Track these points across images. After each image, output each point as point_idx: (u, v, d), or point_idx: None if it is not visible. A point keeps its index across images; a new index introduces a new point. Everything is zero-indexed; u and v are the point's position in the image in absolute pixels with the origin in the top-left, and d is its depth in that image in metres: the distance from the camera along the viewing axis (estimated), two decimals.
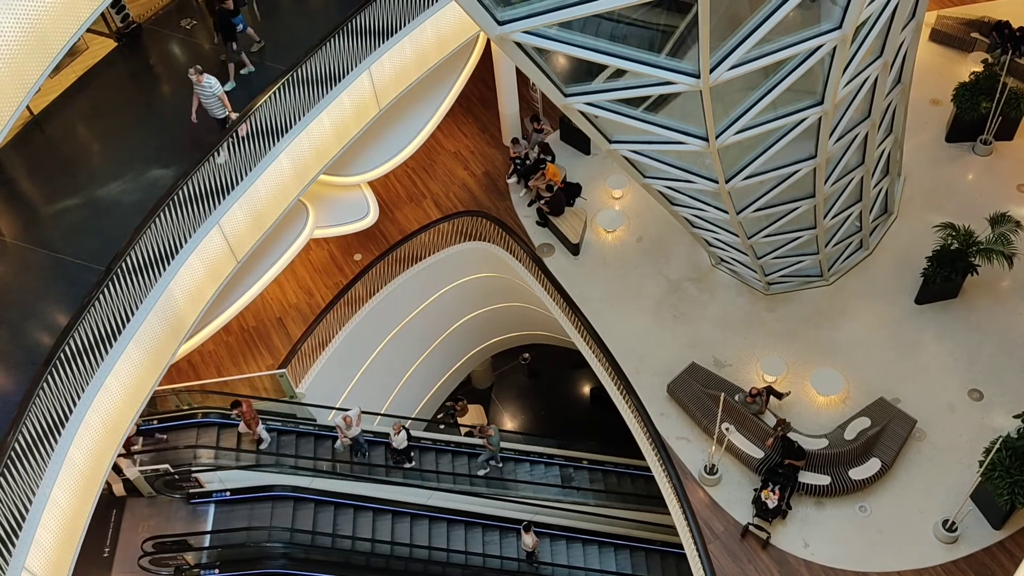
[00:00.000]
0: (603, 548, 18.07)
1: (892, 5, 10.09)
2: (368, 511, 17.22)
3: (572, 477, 19.11)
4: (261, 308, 19.12)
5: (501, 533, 17.84)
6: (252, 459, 16.96)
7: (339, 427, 16.90)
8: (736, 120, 10.36)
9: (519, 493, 18.54)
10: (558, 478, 19.04)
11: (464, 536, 17.57)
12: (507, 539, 17.80)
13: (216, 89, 13.15)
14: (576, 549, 17.97)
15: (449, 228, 18.75)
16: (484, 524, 17.85)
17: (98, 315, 11.78)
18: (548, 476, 19.12)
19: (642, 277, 16.88)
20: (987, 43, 18.61)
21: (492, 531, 17.83)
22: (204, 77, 13.00)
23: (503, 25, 8.89)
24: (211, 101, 13.25)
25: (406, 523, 17.37)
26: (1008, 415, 13.86)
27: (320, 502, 16.99)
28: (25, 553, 10.28)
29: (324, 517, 16.87)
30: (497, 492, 18.43)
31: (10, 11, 10.00)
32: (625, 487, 19.31)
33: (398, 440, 17.32)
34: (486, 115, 20.52)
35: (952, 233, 15.03)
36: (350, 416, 16.74)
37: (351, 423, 16.74)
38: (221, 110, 13.34)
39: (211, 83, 13.10)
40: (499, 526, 17.87)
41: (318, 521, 16.75)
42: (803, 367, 15.27)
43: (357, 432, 16.99)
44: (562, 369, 24.38)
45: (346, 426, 16.76)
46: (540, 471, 19.20)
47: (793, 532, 13.59)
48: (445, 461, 18.75)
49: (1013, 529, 13.26)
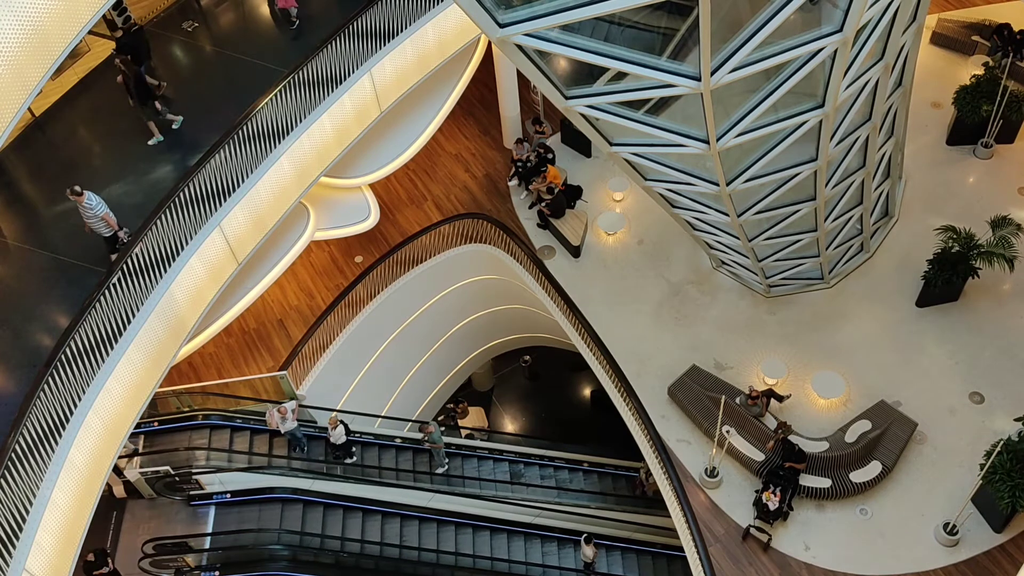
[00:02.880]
0: (603, 550, 18.05)
1: (893, 8, 10.10)
2: (369, 513, 17.24)
3: (522, 474, 18.86)
4: (262, 310, 19.13)
5: (509, 536, 17.86)
6: (253, 461, 16.95)
7: (273, 419, 16.41)
8: (737, 123, 10.36)
9: (521, 496, 18.51)
10: (560, 480, 18.99)
11: (472, 540, 17.62)
12: (515, 542, 17.82)
13: (99, 209, 11.86)
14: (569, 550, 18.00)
15: (450, 230, 18.76)
16: (492, 528, 17.87)
17: (99, 317, 11.78)
18: (548, 478, 19.10)
19: (643, 280, 16.88)
20: (988, 46, 18.62)
21: (500, 534, 17.83)
22: (85, 197, 11.67)
23: (504, 28, 8.90)
24: (94, 222, 11.93)
25: (412, 526, 17.41)
26: (1009, 418, 13.85)
27: (321, 504, 16.99)
28: (25, 555, 10.27)
29: (326, 519, 16.86)
30: (500, 495, 18.41)
31: (12, 13, 10.02)
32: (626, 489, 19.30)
33: (335, 435, 16.83)
34: (487, 117, 20.54)
35: (953, 236, 15.03)
36: (285, 408, 16.31)
37: (285, 415, 16.29)
38: (107, 229, 12.08)
39: (92, 203, 11.74)
40: (506, 529, 17.89)
41: (320, 523, 16.75)
42: (804, 370, 15.27)
43: (293, 426, 16.52)
44: (563, 371, 24.37)
45: (280, 418, 16.32)
46: (539, 473, 19.19)
47: (794, 535, 13.58)
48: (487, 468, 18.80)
49: (1014, 532, 13.24)
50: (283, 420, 16.40)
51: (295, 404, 16.75)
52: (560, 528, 18.15)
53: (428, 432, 17.44)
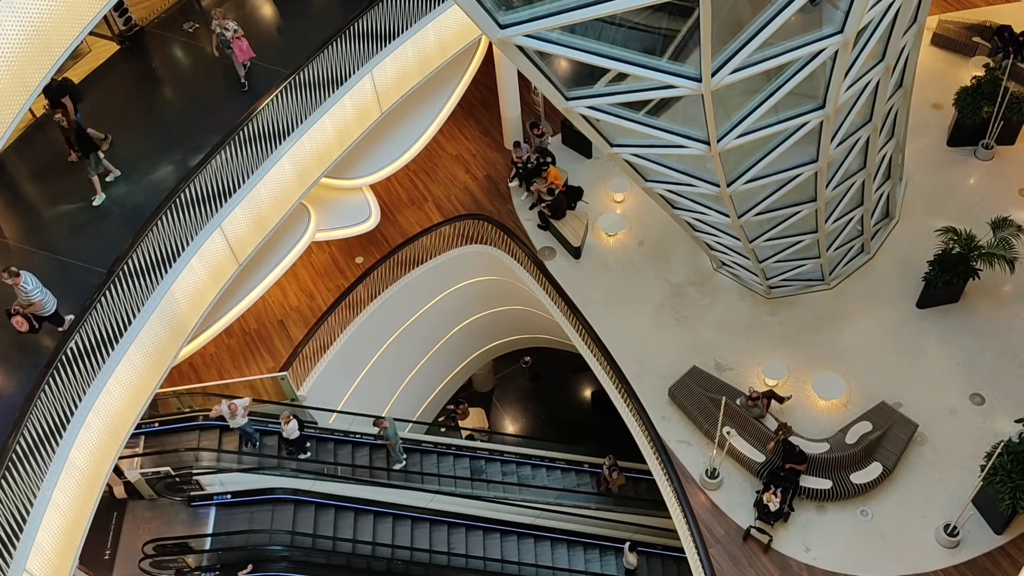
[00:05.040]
0: (604, 552, 18.03)
1: (894, 9, 10.11)
2: (369, 514, 17.22)
3: (483, 470, 18.71)
4: (263, 311, 19.14)
5: (502, 536, 17.81)
6: (254, 462, 16.95)
7: (222, 412, 16.10)
8: (738, 124, 10.37)
9: (520, 496, 18.50)
10: (559, 481, 18.99)
11: (465, 539, 17.55)
12: (507, 541, 17.78)
13: (34, 295, 11.23)
14: (577, 553, 17.96)
15: (451, 231, 18.76)
16: (485, 527, 17.82)
17: (100, 317, 11.80)
18: (548, 479, 19.09)
19: (643, 281, 16.88)
20: (989, 47, 18.62)
21: (493, 534, 17.80)
22: (21, 278, 11.11)
23: (505, 29, 8.90)
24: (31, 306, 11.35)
25: (407, 526, 17.35)
26: (1009, 419, 13.84)
27: (321, 505, 16.99)
28: (26, 555, 10.28)
29: (325, 520, 16.86)
30: (497, 495, 18.40)
31: (12, 14, 10.03)
32: (625, 491, 19.27)
33: (288, 430, 16.62)
34: (488, 118, 20.55)
35: (954, 237, 15.02)
36: (236, 404, 16.05)
37: (236, 411, 16.01)
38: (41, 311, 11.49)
39: (28, 286, 11.16)
40: (500, 529, 17.84)
41: (319, 524, 16.74)
42: (805, 371, 15.26)
43: (243, 422, 16.28)
44: (563, 372, 24.35)
45: (230, 414, 16.04)
46: (542, 474, 19.19)
47: (794, 536, 13.57)
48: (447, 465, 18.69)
49: (1015, 534, 13.24)
50: (232, 416, 16.08)
51: (248, 401, 16.41)
52: (556, 528, 18.10)
53: (383, 427, 16.98)
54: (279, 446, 17.23)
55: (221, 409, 16.17)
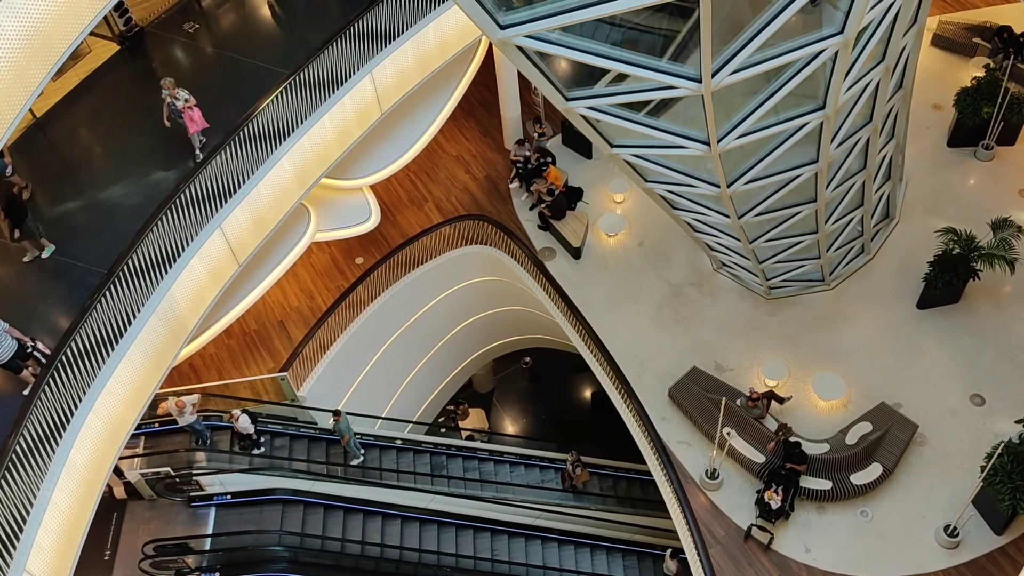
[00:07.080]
0: (603, 552, 18.04)
1: (894, 10, 10.11)
2: (370, 515, 17.21)
3: (444, 466, 18.62)
4: (263, 311, 19.13)
5: (509, 537, 17.84)
6: (254, 462, 16.94)
7: (169, 409, 15.68)
8: (738, 125, 10.37)
9: (522, 497, 18.50)
10: (555, 482, 18.97)
11: (472, 541, 17.59)
12: (515, 543, 17.80)
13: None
14: (577, 553, 17.97)
15: (451, 232, 18.76)
16: (492, 529, 17.85)
17: (100, 318, 11.79)
18: (546, 480, 19.09)
19: (643, 281, 16.88)
20: (989, 48, 18.62)
21: (500, 535, 17.81)
22: None
23: (505, 29, 8.91)
24: None
25: (412, 527, 17.36)
26: (1010, 420, 13.83)
27: (322, 506, 16.98)
28: (26, 556, 10.28)
29: (326, 521, 16.84)
30: (499, 496, 18.41)
31: (12, 13, 10.03)
32: (626, 491, 19.29)
33: (241, 424, 16.27)
34: (488, 119, 20.54)
35: (954, 238, 15.02)
36: (183, 400, 15.63)
37: (183, 408, 15.59)
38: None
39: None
40: (507, 531, 17.88)
41: (320, 525, 16.73)
42: (805, 371, 15.26)
43: (191, 420, 15.88)
44: (563, 373, 24.36)
45: (178, 411, 15.62)
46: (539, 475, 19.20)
47: (795, 537, 13.57)
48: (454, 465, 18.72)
49: (1015, 534, 13.24)
50: (180, 413, 15.72)
51: (196, 399, 15.98)
52: (556, 529, 18.11)
53: (337, 421, 16.67)
54: (231, 441, 16.86)
55: (168, 406, 15.69)
